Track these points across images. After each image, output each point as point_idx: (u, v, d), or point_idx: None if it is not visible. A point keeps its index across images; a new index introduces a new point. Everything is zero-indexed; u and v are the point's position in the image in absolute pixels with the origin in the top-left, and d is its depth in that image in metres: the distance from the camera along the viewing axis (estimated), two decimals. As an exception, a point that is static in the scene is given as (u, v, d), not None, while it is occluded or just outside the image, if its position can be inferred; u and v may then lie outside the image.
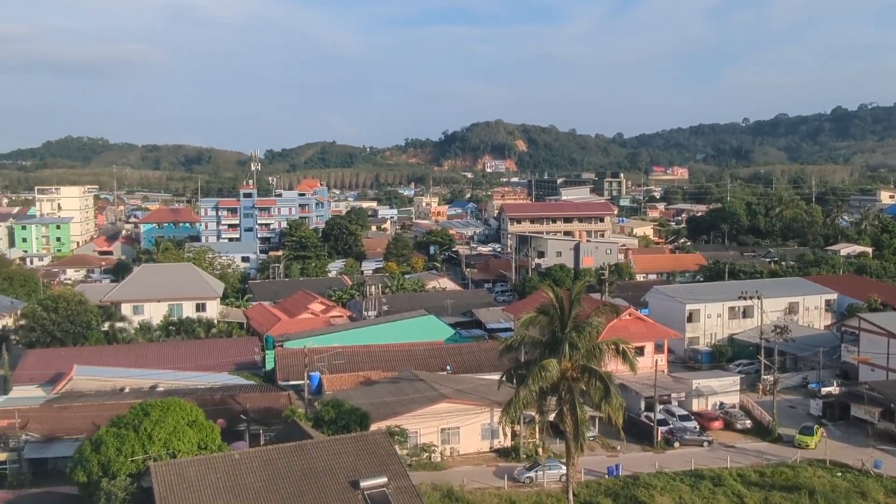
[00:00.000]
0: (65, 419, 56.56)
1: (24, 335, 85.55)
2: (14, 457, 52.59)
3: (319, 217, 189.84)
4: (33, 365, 71.12)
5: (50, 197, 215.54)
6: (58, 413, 57.75)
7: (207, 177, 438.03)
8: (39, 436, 54.15)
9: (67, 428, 54.84)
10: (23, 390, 66.42)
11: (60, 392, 64.68)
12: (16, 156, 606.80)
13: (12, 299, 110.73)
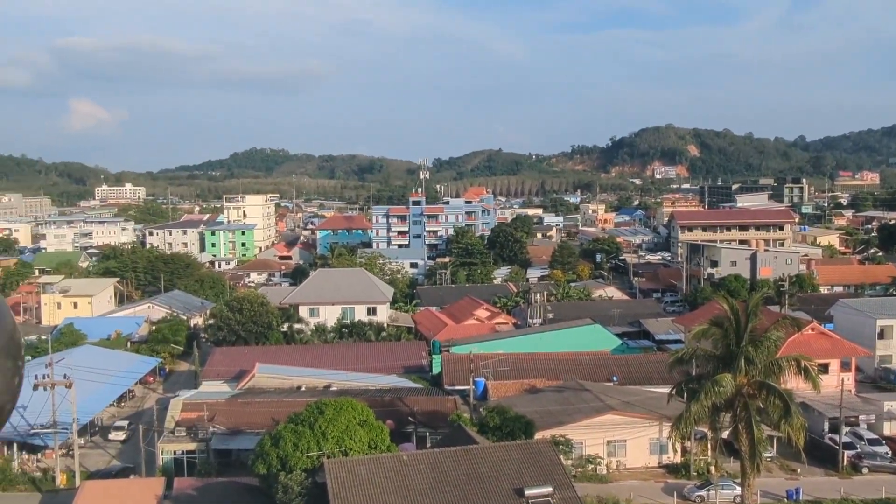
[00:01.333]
0: (247, 414, 60.26)
1: (212, 333, 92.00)
2: (203, 447, 56.54)
3: (485, 224, 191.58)
4: (220, 362, 76.30)
5: (236, 205, 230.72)
6: (241, 408, 61.61)
7: (379, 185, 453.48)
8: (225, 428, 57.95)
9: (249, 422, 58.37)
10: (211, 385, 71.39)
11: (244, 388, 68.90)
12: (206, 167, 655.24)
13: (203, 300, 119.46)
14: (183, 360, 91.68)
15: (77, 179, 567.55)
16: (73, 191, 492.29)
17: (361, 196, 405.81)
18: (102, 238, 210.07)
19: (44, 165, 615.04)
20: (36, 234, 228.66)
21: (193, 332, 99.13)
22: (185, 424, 58.58)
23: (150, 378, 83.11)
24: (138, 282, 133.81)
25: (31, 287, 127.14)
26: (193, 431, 57.52)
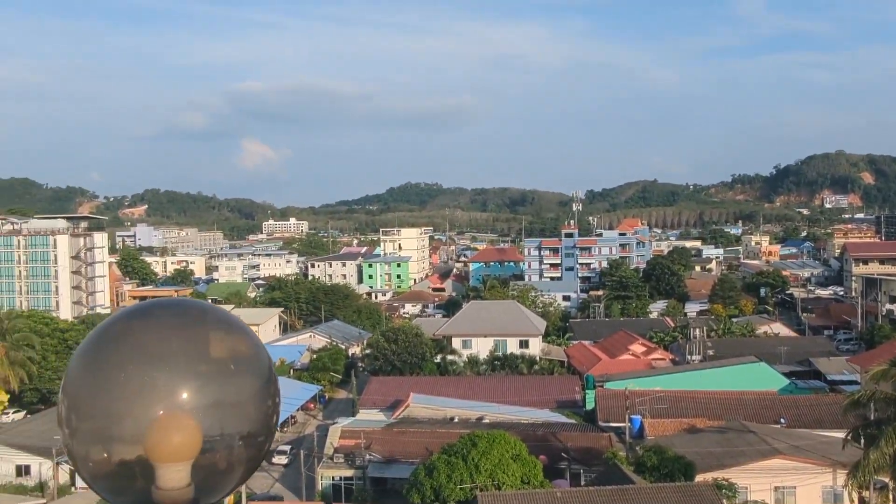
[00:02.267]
0: (402, 443, 61.28)
1: (369, 363, 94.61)
2: (359, 474, 57.94)
3: (640, 257, 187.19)
4: (376, 390, 78.21)
5: (392, 238, 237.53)
6: (396, 436, 62.74)
7: (530, 217, 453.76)
8: (381, 456, 59.17)
9: (404, 451, 59.32)
10: (367, 413, 73.20)
11: (399, 417, 70.18)
12: (364, 201, 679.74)
13: (360, 330, 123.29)
14: (341, 388, 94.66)
15: (246, 214, 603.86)
16: (243, 225, 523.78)
17: (513, 228, 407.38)
18: (269, 270, 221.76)
19: (217, 202, 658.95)
20: (209, 265, 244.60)
21: (351, 360, 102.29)
22: (343, 451, 60.29)
23: (311, 405, 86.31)
24: (301, 311, 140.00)
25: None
26: (351, 458, 59.08)
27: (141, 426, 2.93)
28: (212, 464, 3.05)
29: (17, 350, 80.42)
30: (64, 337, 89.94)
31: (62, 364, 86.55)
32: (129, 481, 3.00)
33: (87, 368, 3.08)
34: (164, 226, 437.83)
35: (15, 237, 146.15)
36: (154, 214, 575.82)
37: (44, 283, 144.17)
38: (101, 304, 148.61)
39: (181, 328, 3.16)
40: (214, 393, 3.03)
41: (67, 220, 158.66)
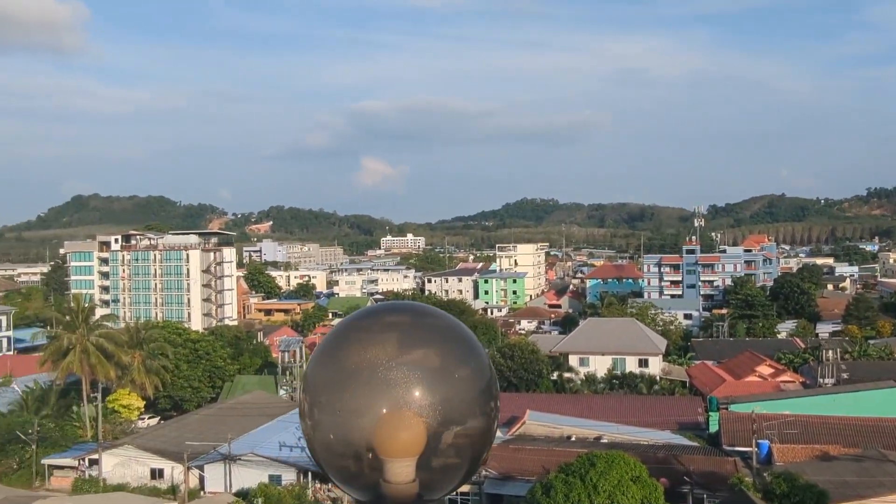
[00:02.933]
0: (519, 460, 60.85)
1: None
2: (476, 490, 57.89)
3: (767, 274, 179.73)
4: (492, 407, 78.01)
5: (508, 254, 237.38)
6: (513, 453, 62.36)
7: (649, 233, 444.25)
8: (497, 473, 58.94)
9: (521, 469, 58.86)
10: (483, 429, 73.10)
11: (515, 434, 69.77)
12: (480, 217, 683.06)
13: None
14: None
15: (365, 230, 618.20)
16: (362, 241, 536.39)
17: (632, 244, 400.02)
18: (387, 284, 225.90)
19: (337, 218, 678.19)
20: (330, 280, 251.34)
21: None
22: (459, 466, 60.36)
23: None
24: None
25: (327, 329, 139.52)
26: (467, 474, 59.11)
27: (371, 422, 3.13)
28: (435, 461, 3.18)
29: (153, 359, 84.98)
30: (195, 347, 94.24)
31: (193, 373, 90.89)
32: (360, 473, 3.20)
33: (325, 365, 3.32)
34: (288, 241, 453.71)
35: (152, 252, 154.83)
36: (278, 230, 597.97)
37: (177, 296, 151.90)
38: (229, 317, 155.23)
39: (412, 330, 3.35)
40: (440, 393, 3.17)
41: (199, 235, 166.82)
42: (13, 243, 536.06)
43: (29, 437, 70.95)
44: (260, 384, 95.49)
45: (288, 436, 66.61)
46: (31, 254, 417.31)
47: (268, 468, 62.84)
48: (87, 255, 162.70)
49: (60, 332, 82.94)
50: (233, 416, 76.08)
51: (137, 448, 67.62)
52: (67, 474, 69.81)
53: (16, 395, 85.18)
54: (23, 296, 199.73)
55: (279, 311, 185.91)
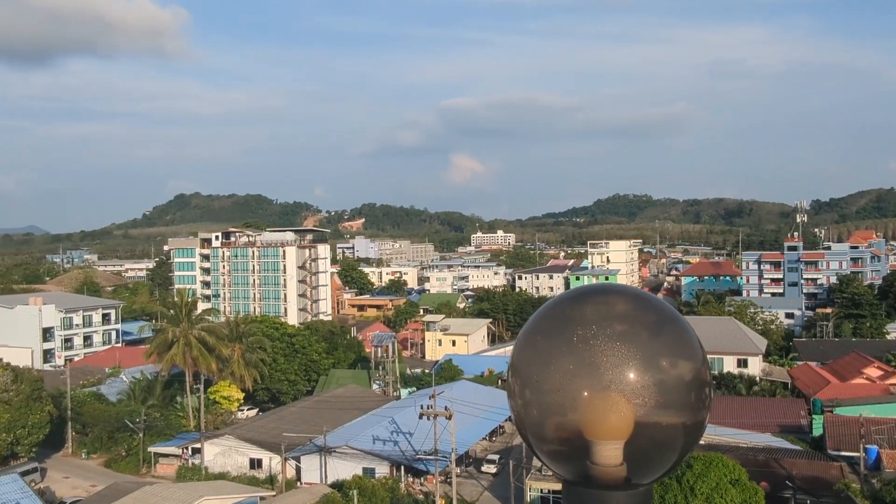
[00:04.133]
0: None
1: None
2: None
3: (875, 272, 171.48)
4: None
5: (600, 250, 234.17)
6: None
7: (748, 229, 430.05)
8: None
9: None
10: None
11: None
12: (571, 213, 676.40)
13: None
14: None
15: (455, 227, 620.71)
16: (452, 238, 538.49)
17: (729, 241, 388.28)
18: (477, 281, 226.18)
19: (428, 215, 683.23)
20: (421, 276, 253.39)
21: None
22: (552, 464, 59.92)
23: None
24: (508, 323, 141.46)
25: (418, 325, 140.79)
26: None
27: (578, 403, 3.15)
28: (644, 446, 3.15)
29: (252, 352, 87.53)
30: (291, 341, 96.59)
31: (290, 366, 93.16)
32: (567, 453, 3.23)
33: (534, 345, 3.35)
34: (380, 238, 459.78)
35: (250, 248, 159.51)
36: (371, 227, 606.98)
37: (274, 291, 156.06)
38: (323, 312, 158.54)
39: (622, 312, 3.32)
40: (651, 377, 3.14)
41: (295, 232, 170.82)
42: (121, 240, 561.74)
43: (136, 425, 74.23)
44: (353, 378, 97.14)
45: (381, 430, 67.56)
46: (137, 250, 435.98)
47: (361, 461, 63.86)
48: (190, 251, 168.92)
49: (165, 326, 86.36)
50: (327, 409, 77.66)
51: (237, 438, 69.80)
52: (172, 462, 72.72)
53: (124, 386, 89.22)
54: (130, 291, 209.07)
55: (371, 306, 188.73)
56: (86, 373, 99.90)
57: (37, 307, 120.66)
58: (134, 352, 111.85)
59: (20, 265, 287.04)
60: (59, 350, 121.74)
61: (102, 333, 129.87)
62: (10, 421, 68.56)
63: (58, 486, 67.74)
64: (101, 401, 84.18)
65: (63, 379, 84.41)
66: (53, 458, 76.38)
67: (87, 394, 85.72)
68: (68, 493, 65.30)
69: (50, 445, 76.18)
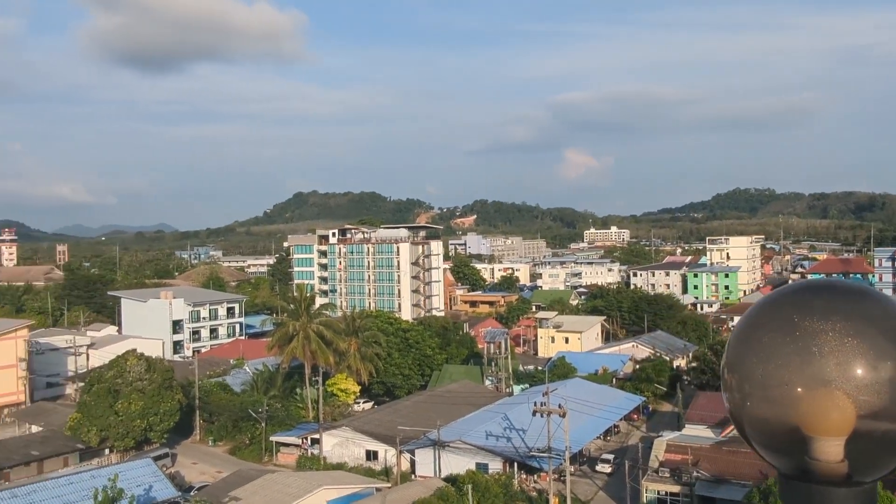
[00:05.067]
0: (733, 463, 57.88)
1: (695, 376, 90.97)
2: (686, 491, 55.81)
3: None
4: (704, 406, 74.79)
5: (719, 247, 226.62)
6: (727, 456, 59.44)
7: (881, 224, 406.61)
8: (709, 475, 56.45)
9: (735, 472, 55.97)
10: (694, 429, 70.24)
11: (729, 436, 66.46)
12: (688, 209, 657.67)
13: (686, 342, 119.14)
14: (665, 401, 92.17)
15: (568, 223, 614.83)
16: (565, 234, 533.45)
17: (860, 237, 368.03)
18: (590, 278, 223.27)
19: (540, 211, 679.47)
20: (533, 273, 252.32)
21: (676, 373, 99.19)
22: (669, 466, 58.49)
23: (635, 415, 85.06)
24: (623, 321, 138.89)
25: (530, 321, 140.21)
26: (677, 474, 57.14)
27: (799, 398, 3.12)
28: (867, 444, 3.09)
29: (367, 346, 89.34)
30: (405, 336, 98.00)
31: (404, 361, 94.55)
32: (785, 447, 3.22)
33: (753, 340, 3.34)
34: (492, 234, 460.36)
35: (365, 245, 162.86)
36: (482, 224, 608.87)
37: (388, 287, 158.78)
38: (436, 307, 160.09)
39: (847, 307, 3.25)
40: (876, 374, 3.08)
41: (408, 229, 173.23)
42: (243, 237, 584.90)
43: (259, 415, 77.13)
44: (466, 374, 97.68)
45: (494, 425, 67.65)
46: (258, 246, 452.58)
47: (475, 456, 64.14)
48: (308, 247, 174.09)
49: (285, 320, 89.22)
50: (441, 404, 78.37)
51: (354, 430, 71.42)
52: (292, 451, 75.16)
53: (247, 377, 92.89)
54: (252, 286, 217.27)
55: (484, 302, 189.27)
56: (212, 364, 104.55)
57: (167, 301, 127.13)
58: (256, 344, 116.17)
59: (152, 261, 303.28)
60: (188, 341, 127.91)
61: (227, 326, 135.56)
62: (144, 408, 72.52)
63: (187, 471, 71.18)
64: (227, 391, 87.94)
65: (191, 369, 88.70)
66: (183, 444, 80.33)
67: (214, 384, 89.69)
68: (196, 479, 68.49)
69: (179, 432, 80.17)
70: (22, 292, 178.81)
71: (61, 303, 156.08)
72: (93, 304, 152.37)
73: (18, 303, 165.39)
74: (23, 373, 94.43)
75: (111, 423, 71.86)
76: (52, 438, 74.79)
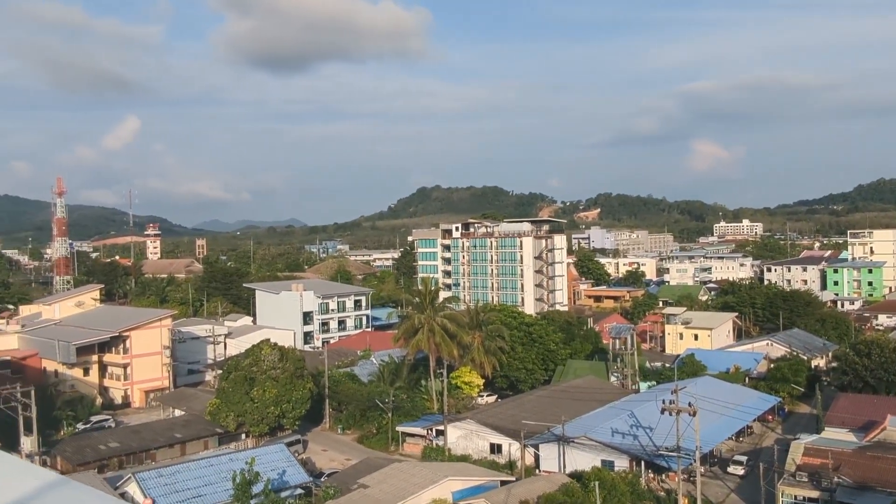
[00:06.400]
0: (877, 469, 54.58)
1: (835, 377, 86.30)
2: (826, 497, 53.01)
3: None
4: (845, 408, 70.84)
5: (862, 240, 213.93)
6: (870, 461, 56.10)
7: None
8: (851, 481, 53.43)
9: (880, 479, 52.75)
10: (834, 432, 66.64)
11: (873, 440, 62.69)
12: (827, 200, 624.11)
13: (825, 341, 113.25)
14: (802, 402, 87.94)
15: (696, 216, 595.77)
16: (693, 227, 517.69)
17: None
18: (721, 273, 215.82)
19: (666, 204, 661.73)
20: (660, 267, 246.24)
21: (814, 373, 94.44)
22: (807, 470, 55.73)
23: (769, 416, 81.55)
24: (756, 318, 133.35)
25: (657, 317, 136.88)
26: (816, 479, 54.37)
27: None
28: None
29: (491, 340, 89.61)
30: (529, 330, 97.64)
31: (527, 355, 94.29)
32: None
33: None
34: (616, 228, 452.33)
35: (488, 239, 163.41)
36: (606, 217, 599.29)
37: (511, 281, 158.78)
38: (559, 302, 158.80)
39: None
40: None
41: (531, 223, 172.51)
42: (369, 231, 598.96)
43: (385, 405, 78.79)
44: (591, 369, 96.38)
45: (620, 422, 66.41)
46: (383, 241, 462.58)
47: (600, 453, 63.18)
48: (432, 241, 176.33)
49: (410, 313, 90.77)
50: (565, 400, 77.65)
51: (478, 423, 71.76)
52: (417, 442, 76.32)
53: (374, 368, 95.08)
54: (378, 279, 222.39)
55: (608, 297, 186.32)
56: (340, 354, 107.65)
57: (298, 293, 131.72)
58: (382, 336, 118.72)
59: (283, 254, 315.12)
60: (318, 332, 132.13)
61: (354, 318, 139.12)
62: (277, 395, 75.46)
63: (317, 457, 73.57)
64: (354, 381, 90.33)
65: (321, 359, 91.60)
66: (313, 431, 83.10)
67: (342, 374, 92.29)
68: (326, 465, 70.70)
69: (310, 420, 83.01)
70: (165, 284, 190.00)
71: (201, 294, 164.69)
72: (229, 296, 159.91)
73: (162, 294, 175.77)
74: (167, 360, 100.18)
75: (247, 409, 75.16)
76: (193, 422, 79.03)
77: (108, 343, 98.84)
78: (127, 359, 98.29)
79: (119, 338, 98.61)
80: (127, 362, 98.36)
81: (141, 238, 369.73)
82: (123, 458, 70.20)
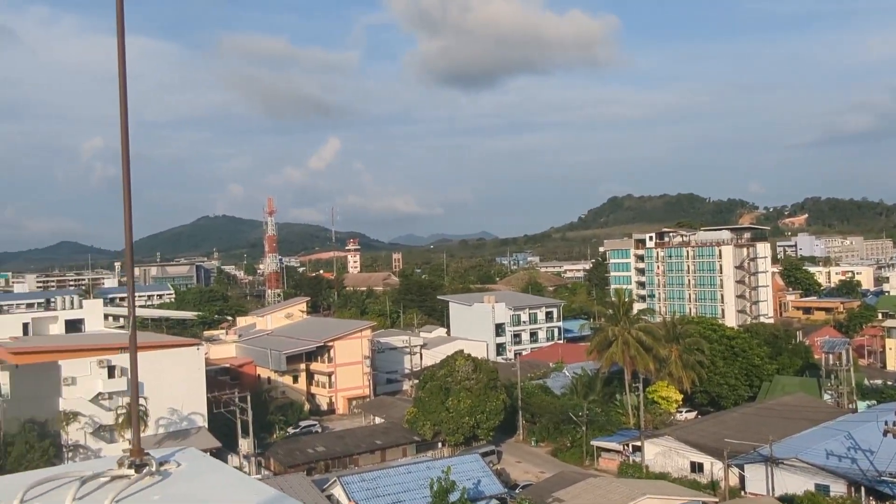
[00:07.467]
0: None
1: None
2: None
3: None
4: None
5: None
6: None
7: None
8: None
9: None
10: None
11: None
12: None
13: None
14: None
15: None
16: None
17: None
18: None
19: (884, 207, 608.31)
20: (878, 276, 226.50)
21: None
22: None
23: None
24: None
25: (876, 330, 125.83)
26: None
27: None
28: None
29: (689, 353, 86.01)
30: (731, 344, 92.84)
31: (729, 370, 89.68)
32: None
33: None
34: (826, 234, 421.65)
35: (684, 248, 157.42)
36: (815, 223, 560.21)
37: (710, 292, 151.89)
38: (764, 314, 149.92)
39: None
40: None
41: (731, 231, 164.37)
42: (559, 242, 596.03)
43: (579, 419, 77.68)
44: (801, 386, 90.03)
45: (835, 444, 61.49)
46: (573, 252, 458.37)
47: (814, 476, 58.77)
48: (624, 252, 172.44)
49: (604, 325, 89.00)
50: (772, 418, 73.02)
51: (677, 440, 69.06)
52: (613, 457, 74.63)
53: (567, 380, 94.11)
54: (569, 290, 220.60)
55: (819, 309, 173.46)
56: (532, 366, 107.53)
57: (490, 305, 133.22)
58: (574, 348, 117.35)
59: (475, 267, 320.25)
60: (510, 344, 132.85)
61: (546, 330, 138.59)
62: (472, 406, 76.55)
63: (511, 469, 73.77)
64: (547, 393, 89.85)
65: (513, 371, 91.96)
66: (507, 443, 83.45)
67: (535, 385, 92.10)
68: (520, 477, 70.69)
69: (504, 431, 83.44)
70: (365, 296, 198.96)
71: (397, 306, 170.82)
72: (424, 308, 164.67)
73: (362, 306, 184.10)
74: (367, 369, 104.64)
75: (443, 418, 76.81)
76: (392, 430, 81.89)
77: (314, 352, 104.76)
78: (331, 367, 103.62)
79: (324, 347, 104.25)
80: (332, 371, 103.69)
81: (342, 253, 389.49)
82: (329, 462, 73.98)
